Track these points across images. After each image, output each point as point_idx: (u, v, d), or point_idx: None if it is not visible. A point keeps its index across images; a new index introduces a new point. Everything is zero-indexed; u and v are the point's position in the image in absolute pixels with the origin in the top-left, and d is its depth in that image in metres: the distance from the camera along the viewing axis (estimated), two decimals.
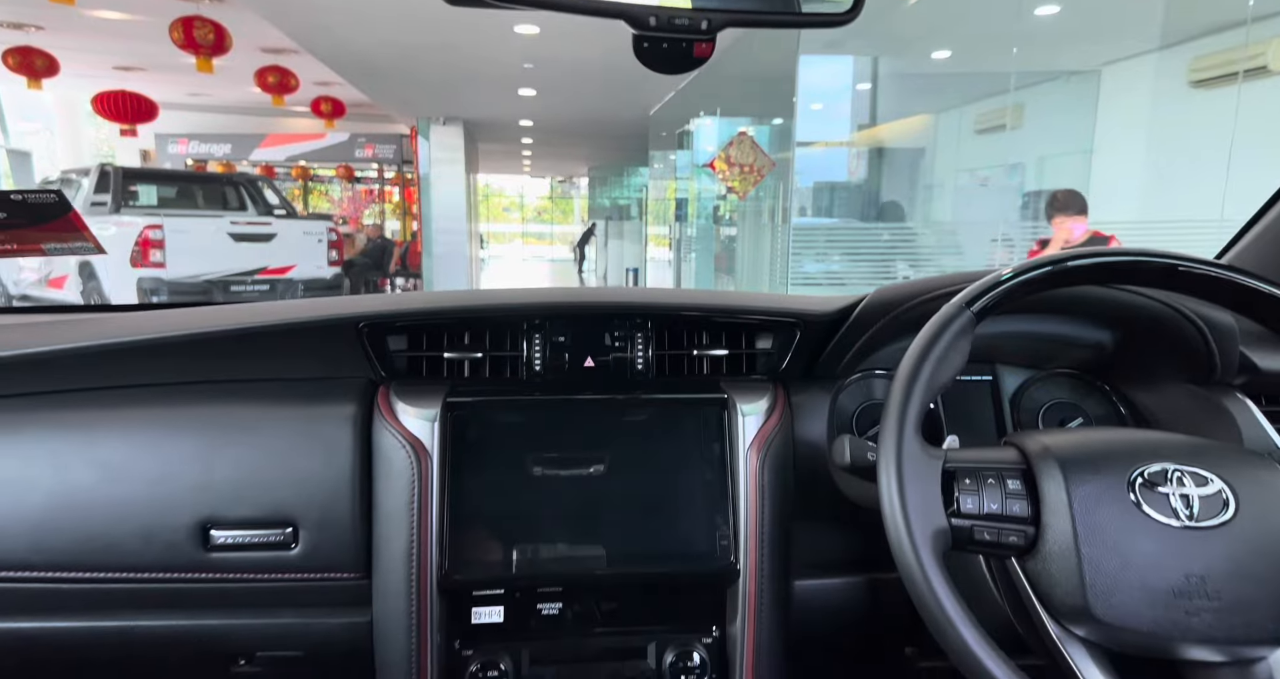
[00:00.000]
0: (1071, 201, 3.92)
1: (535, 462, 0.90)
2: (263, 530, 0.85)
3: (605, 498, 0.90)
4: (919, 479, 0.70)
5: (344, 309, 0.93)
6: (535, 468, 0.90)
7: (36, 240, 1.02)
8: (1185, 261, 0.76)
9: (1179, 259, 0.76)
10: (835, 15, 0.72)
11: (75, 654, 0.87)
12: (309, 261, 7.95)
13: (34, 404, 0.87)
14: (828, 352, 0.99)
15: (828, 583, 0.97)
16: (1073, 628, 0.68)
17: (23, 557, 0.83)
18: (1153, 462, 0.70)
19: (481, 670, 0.88)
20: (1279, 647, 0.66)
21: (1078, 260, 0.76)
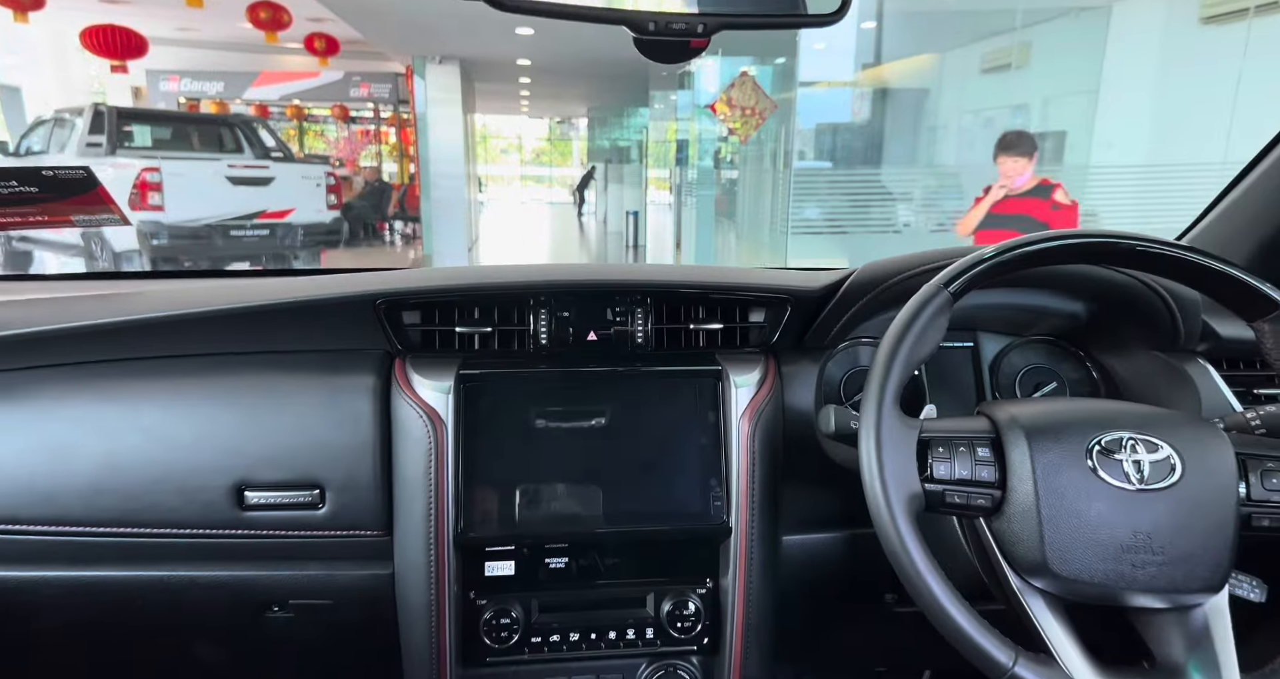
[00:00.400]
0: (1018, 143, 3.91)
1: (542, 429, 0.97)
2: (292, 492, 0.93)
3: (608, 462, 0.97)
4: (896, 448, 0.77)
5: (362, 287, 0.99)
6: (542, 435, 0.97)
7: (66, 213, 1.06)
8: (1145, 242, 0.82)
9: (1139, 240, 0.82)
10: (824, 15, 0.75)
11: (128, 600, 0.95)
12: (308, 206, 7.92)
13: (80, 373, 0.93)
14: (816, 324, 1.04)
15: (814, 538, 1.04)
16: (1032, 581, 0.76)
17: (77, 514, 0.90)
18: (1110, 430, 0.77)
19: (494, 618, 0.96)
20: (1214, 594, 0.74)
21: (1048, 243, 0.81)
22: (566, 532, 0.97)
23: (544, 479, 0.96)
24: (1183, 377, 1.03)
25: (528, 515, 0.96)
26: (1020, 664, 0.70)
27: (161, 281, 1.37)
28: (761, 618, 1.00)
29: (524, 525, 0.96)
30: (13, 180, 1.02)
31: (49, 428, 0.91)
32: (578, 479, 0.97)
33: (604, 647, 1.00)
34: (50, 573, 0.92)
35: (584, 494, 0.97)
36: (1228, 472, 0.75)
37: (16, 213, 1.04)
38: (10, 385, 0.92)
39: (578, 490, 0.97)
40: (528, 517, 0.96)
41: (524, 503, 0.96)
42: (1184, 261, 0.83)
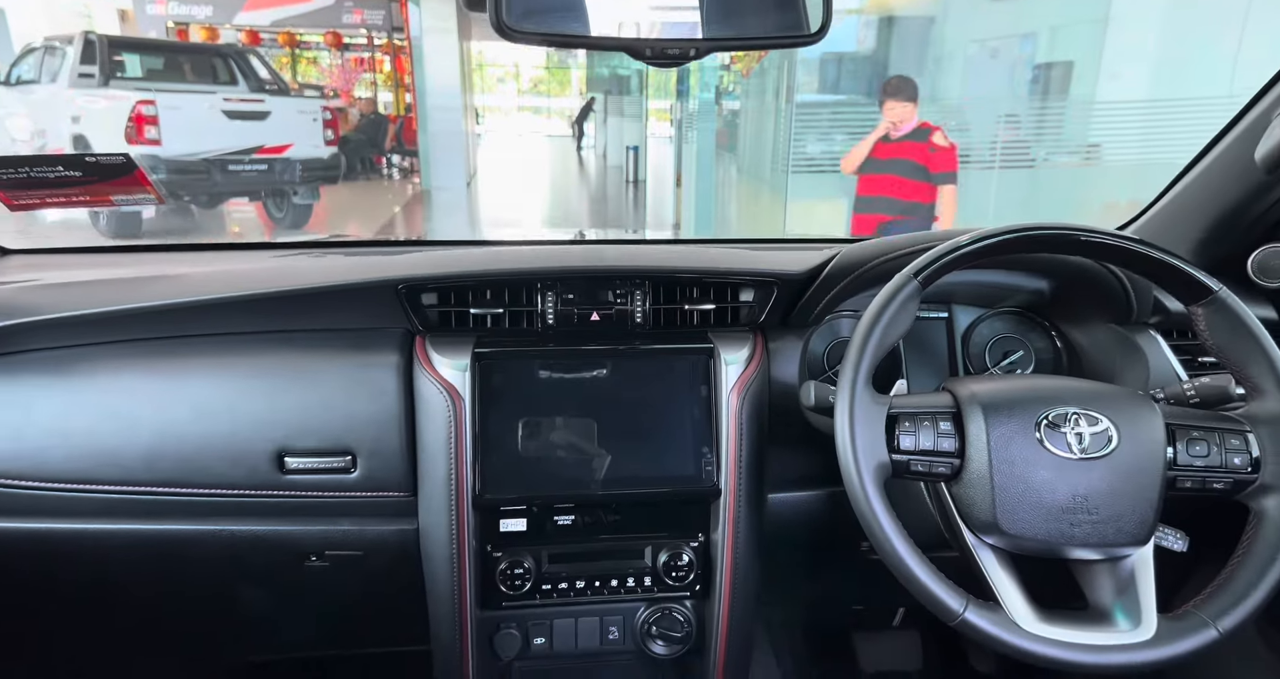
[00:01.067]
0: (903, 88, 3.91)
1: (550, 401, 1.07)
2: (327, 458, 1.03)
3: (610, 431, 1.08)
4: (867, 423, 0.87)
5: (386, 272, 1.07)
6: (550, 406, 1.07)
7: (107, 193, 1.14)
8: (1092, 233, 0.91)
9: (1087, 231, 0.91)
10: (806, 35, 0.82)
11: (186, 550, 1.07)
12: (305, 141, 7.85)
13: (135, 350, 1.03)
14: (801, 303, 1.13)
15: (796, 495, 1.16)
16: (984, 537, 0.87)
17: (138, 476, 1.01)
18: (1056, 406, 0.87)
19: (509, 568, 1.09)
20: (1141, 546, 0.86)
21: (1009, 235, 0.91)
22: (572, 493, 1.08)
23: (552, 446, 1.07)
24: (1135, 347, 1.14)
25: (537, 478, 1.06)
26: (970, 610, 0.82)
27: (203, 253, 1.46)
28: (747, 567, 1.12)
29: (534, 487, 1.07)
30: (59, 165, 1.09)
31: (110, 398, 1.01)
32: (583, 446, 1.07)
33: (607, 593, 1.12)
34: (119, 526, 1.03)
35: (588, 459, 1.07)
36: (1157, 440, 0.86)
37: (62, 194, 1.12)
38: (76, 360, 1.02)
39: (583, 456, 1.07)
40: (537, 479, 1.06)
41: (534, 467, 1.06)
42: (1128, 250, 0.92)
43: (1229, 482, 0.87)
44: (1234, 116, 1.16)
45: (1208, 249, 1.23)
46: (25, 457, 0.99)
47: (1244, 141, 1.12)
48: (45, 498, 1.00)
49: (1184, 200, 1.26)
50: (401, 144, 11.02)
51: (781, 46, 0.85)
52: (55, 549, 1.04)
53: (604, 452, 1.08)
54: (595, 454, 1.07)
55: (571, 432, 1.07)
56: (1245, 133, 1.14)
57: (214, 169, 7.58)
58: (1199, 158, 1.22)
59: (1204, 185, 1.22)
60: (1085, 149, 6.93)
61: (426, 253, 1.29)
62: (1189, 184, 1.24)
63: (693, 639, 1.15)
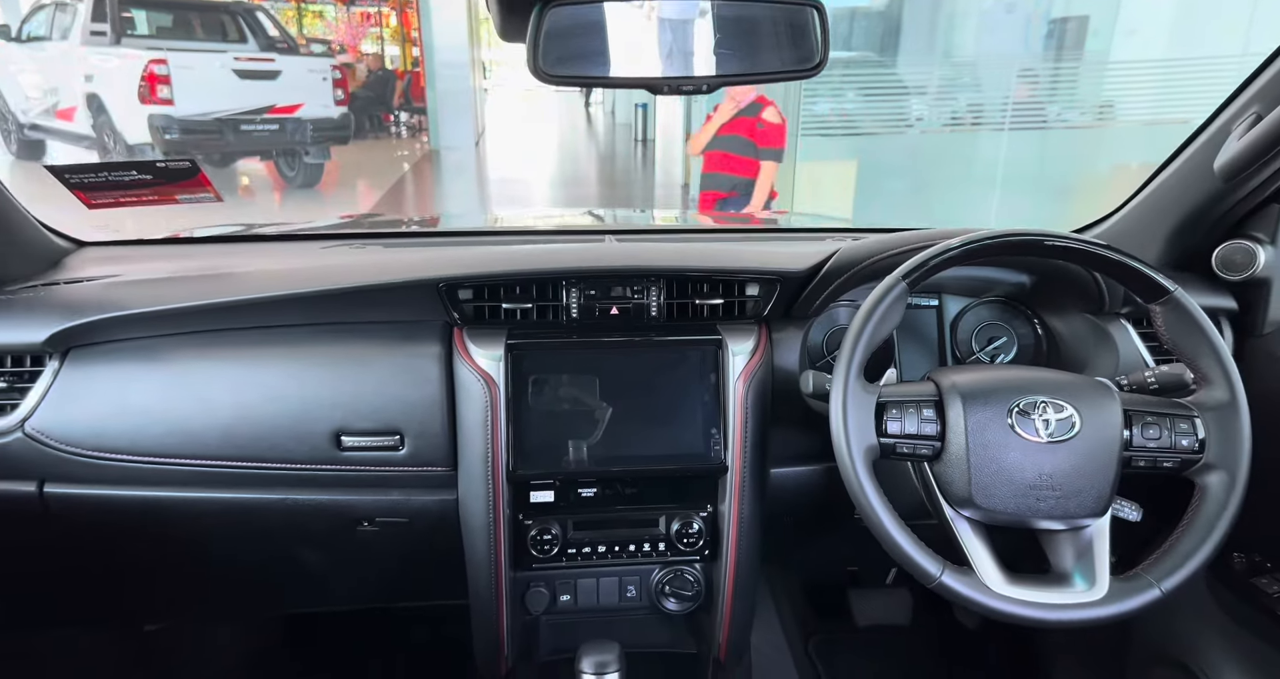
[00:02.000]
0: None
1: (574, 388, 1.19)
2: (378, 437, 1.16)
3: (628, 414, 1.20)
4: (858, 410, 1.00)
5: (428, 271, 1.19)
6: (574, 392, 1.19)
7: (173, 193, 1.27)
8: (1059, 238, 1.03)
9: (1055, 236, 1.03)
10: (805, 69, 0.91)
11: (258, 514, 1.21)
12: (315, 100, 7.88)
13: (209, 340, 1.15)
14: (802, 297, 1.25)
15: (796, 470, 1.28)
16: (961, 511, 1.00)
17: (216, 451, 1.15)
18: (1027, 395, 1.00)
19: (538, 534, 1.22)
20: (1099, 518, 0.99)
21: (986, 241, 1.02)
22: (594, 469, 1.20)
23: (576, 427, 1.19)
24: (1107, 335, 1.25)
25: (563, 456, 1.19)
26: (946, 574, 0.95)
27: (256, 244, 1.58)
28: (751, 535, 1.25)
29: (560, 464, 1.19)
30: (133, 170, 1.21)
31: (193, 383, 1.15)
32: (603, 427, 1.19)
33: (625, 556, 1.26)
34: (200, 494, 1.17)
35: (609, 439, 1.20)
36: (1115, 425, 0.98)
37: (134, 194, 1.25)
38: (162, 349, 1.15)
39: (604, 436, 1.19)
40: (563, 457, 1.19)
41: (560, 446, 1.19)
42: (1094, 254, 1.04)
43: (1177, 461, 1.00)
44: (1199, 125, 1.25)
45: (1176, 245, 1.33)
46: (124, 434, 1.13)
47: (1206, 150, 1.22)
48: (139, 469, 1.13)
49: (1155, 200, 1.36)
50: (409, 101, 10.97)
51: (782, 80, 0.95)
52: (147, 512, 1.18)
53: (622, 432, 1.20)
54: (615, 434, 1.20)
55: (593, 414, 1.19)
56: (1207, 142, 1.23)
57: (227, 129, 7.65)
58: (1168, 162, 1.32)
59: (1172, 187, 1.32)
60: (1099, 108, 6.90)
61: (462, 250, 1.41)
62: (1159, 185, 1.34)
63: (702, 597, 1.29)
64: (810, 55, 0.91)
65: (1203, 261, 1.31)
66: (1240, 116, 1.17)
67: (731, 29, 0.89)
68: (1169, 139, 1.36)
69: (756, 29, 0.90)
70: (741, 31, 0.90)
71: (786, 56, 0.92)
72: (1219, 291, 1.30)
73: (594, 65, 0.87)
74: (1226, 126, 1.19)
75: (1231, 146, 1.16)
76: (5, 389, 1.12)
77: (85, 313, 1.12)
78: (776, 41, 0.91)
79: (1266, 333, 1.27)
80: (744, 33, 0.90)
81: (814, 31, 0.90)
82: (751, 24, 0.89)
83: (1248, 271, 1.26)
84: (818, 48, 0.91)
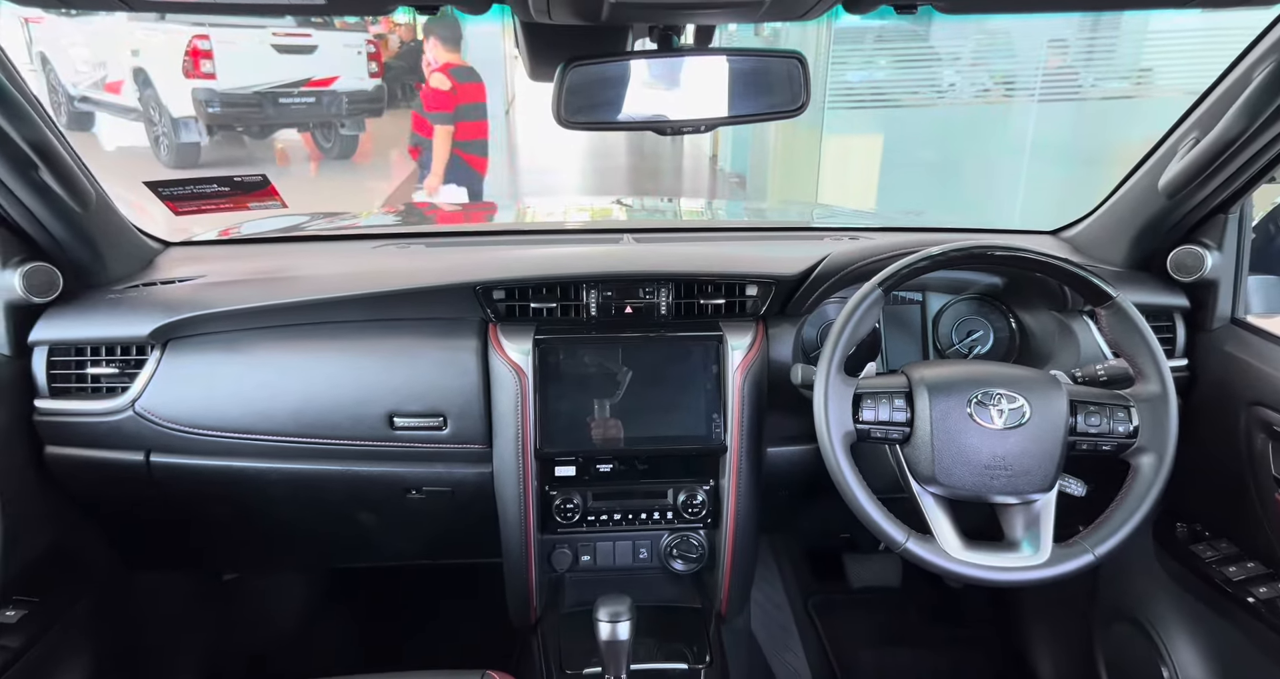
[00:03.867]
0: (432, 28, 4.61)
1: (593, 377, 1.36)
2: (425, 418, 1.35)
3: (640, 400, 1.37)
4: (837, 400, 1.16)
5: (466, 275, 1.36)
6: (593, 381, 1.36)
7: (246, 202, 1.46)
8: (1010, 250, 1.19)
9: (1013, 249, 1.19)
10: (790, 110, 1.06)
11: (322, 483, 1.40)
12: (350, 74, 8.03)
13: (277, 334, 1.34)
14: (796, 297, 1.40)
15: (790, 449, 1.44)
16: (926, 487, 1.16)
17: (287, 428, 1.34)
18: (984, 387, 1.16)
19: (562, 503, 1.41)
20: (1046, 493, 1.15)
21: (952, 254, 1.19)
22: (611, 448, 1.38)
23: (595, 412, 1.36)
24: (1070, 330, 1.40)
25: (584, 437, 1.37)
26: (911, 541, 1.12)
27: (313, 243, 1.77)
28: (748, 505, 1.42)
29: (582, 443, 1.37)
30: (213, 183, 1.40)
31: (267, 370, 1.34)
32: (619, 412, 1.37)
33: (638, 524, 1.44)
34: (272, 465, 1.37)
35: (623, 422, 1.37)
36: (1062, 414, 1.14)
37: (212, 202, 1.44)
38: (241, 341, 1.34)
39: (619, 419, 1.37)
40: (584, 438, 1.37)
41: (581, 428, 1.36)
42: (1046, 264, 1.20)
43: (1114, 444, 1.16)
44: (1156, 142, 1.38)
45: (1136, 249, 1.48)
46: (212, 413, 1.33)
47: (1158, 168, 1.35)
48: (225, 443, 1.34)
49: (1117, 209, 1.50)
50: None
51: (770, 120, 1.10)
52: (230, 479, 1.38)
53: (635, 416, 1.37)
54: (628, 418, 1.37)
55: (610, 400, 1.36)
56: (1159, 160, 1.36)
57: (266, 102, 7.83)
58: (1130, 174, 1.45)
59: (1130, 199, 1.46)
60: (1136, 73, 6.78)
61: (495, 252, 1.58)
62: (1121, 196, 1.48)
63: (705, 559, 1.47)
64: (795, 99, 1.06)
65: (1160, 264, 1.44)
66: (1184, 140, 1.29)
67: (725, 80, 1.04)
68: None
69: (746, 79, 1.04)
70: (734, 81, 1.04)
71: (773, 101, 1.06)
72: (1173, 291, 1.43)
73: (608, 113, 1.02)
74: (1173, 149, 1.32)
75: (1173, 168, 1.29)
76: (118, 374, 1.33)
77: (180, 310, 1.32)
78: (764, 88, 1.06)
79: (1215, 328, 1.41)
80: (736, 82, 1.04)
81: (798, 79, 1.05)
82: (742, 75, 1.04)
83: (1197, 274, 1.40)
84: (801, 93, 1.05)
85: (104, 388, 1.34)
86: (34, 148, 1.15)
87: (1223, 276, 1.40)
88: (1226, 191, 1.30)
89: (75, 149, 1.26)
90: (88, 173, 1.30)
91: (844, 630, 2.00)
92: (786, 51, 1.04)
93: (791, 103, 1.06)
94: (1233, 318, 1.41)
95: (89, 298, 1.37)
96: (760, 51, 1.05)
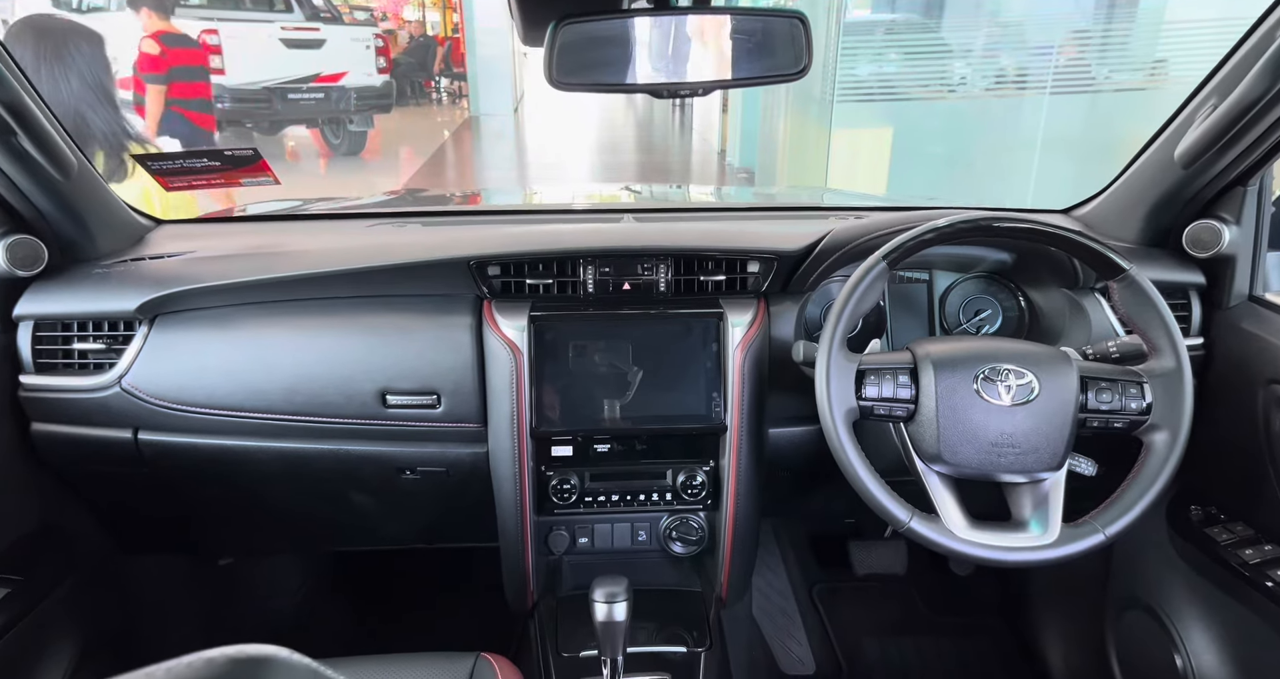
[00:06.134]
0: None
1: (590, 355, 1.33)
2: (418, 396, 1.32)
3: (638, 378, 1.33)
4: (840, 376, 1.12)
5: (461, 250, 1.33)
6: (590, 359, 1.33)
7: (238, 177, 1.44)
8: (1021, 222, 1.14)
9: (1022, 220, 1.14)
10: (793, 73, 1.03)
11: (314, 462, 1.37)
12: (358, 69, 8.04)
13: (270, 310, 1.31)
14: (798, 274, 1.37)
15: (792, 430, 1.41)
16: (931, 466, 1.12)
17: (279, 406, 1.31)
18: (991, 362, 1.11)
19: (559, 484, 1.38)
20: (1056, 471, 1.11)
21: (958, 225, 1.14)
22: (608, 427, 1.35)
23: (591, 390, 1.33)
24: (1081, 308, 1.36)
25: (581, 416, 1.34)
26: (915, 520, 1.08)
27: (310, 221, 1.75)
28: (749, 487, 1.39)
29: (578, 422, 1.34)
30: (204, 158, 1.38)
31: (259, 347, 1.31)
32: (616, 391, 1.33)
33: (636, 505, 1.41)
34: (265, 443, 1.35)
35: (620, 401, 1.34)
36: (1071, 389, 1.10)
37: (204, 178, 1.42)
38: (232, 317, 1.32)
39: (616, 398, 1.33)
40: (581, 416, 1.34)
41: (577, 407, 1.33)
42: (1058, 236, 1.15)
43: (1127, 422, 1.11)
44: (1173, 112, 1.33)
45: (1150, 224, 1.42)
46: (201, 389, 1.30)
47: (1174, 139, 1.30)
48: (215, 421, 1.31)
49: (1132, 183, 1.45)
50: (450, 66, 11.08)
51: (771, 83, 1.06)
52: (221, 458, 1.36)
53: (633, 395, 1.34)
54: (626, 397, 1.34)
55: (607, 379, 1.33)
56: (1175, 131, 1.31)
57: (274, 97, 7.84)
58: (1145, 148, 1.40)
59: (1145, 172, 1.41)
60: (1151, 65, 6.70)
61: (491, 229, 1.55)
62: (1136, 169, 1.43)
63: (705, 542, 1.44)
64: (796, 61, 1.02)
65: (1175, 240, 1.40)
66: (1201, 108, 1.25)
67: (724, 40, 1.00)
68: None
69: (746, 40, 1.01)
70: (733, 42, 1.01)
71: (774, 63, 1.03)
72: (1189, 267, 1.39)
73: (602, 75, 0.99)
74: (1191, 117, 1.27)
75: (1190, 135, 1.25)
76: (105, 349, 1.30)
77: (169, 285, 1.29)
78: (765, 50, 1.02)
79: (1232, 306, 1.36)
80: (735, 43, 1.01)
81: (800, 41, 1.01)
82: (742, 36, 1.01)
83: (1213, 249, 1.35)
84: (803, 55, 1.02)
85: (91, 364, 1.31)
86: (10, 112, 1.13)
87: (1240, 252, 1.35)
88: (1246, 161, 1.25)
89: (56, 116, 1.24)
90: (69, 141, 1.27)
91: (848, 618, 1.96)
92: (788, 11, 1.00)
93: (794, 65, 1.03)
94: (1251, 295, 1.36)
95: (75, 272, 1.35)
96: (761, 11, 1.02)
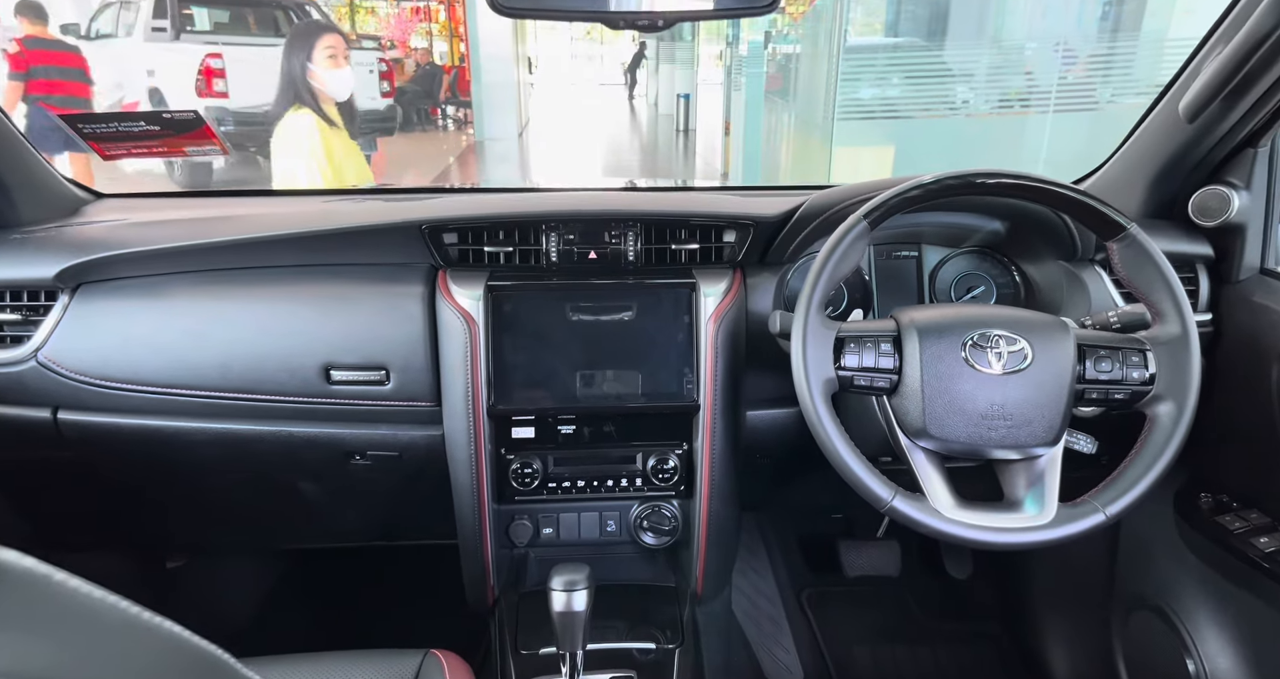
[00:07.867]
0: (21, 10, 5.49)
1: (552, 328, 1.24)
2: (365, 372, 1.23)
3: (604, 353, 1.24)
4: (817, 344, 1.02)
5: (412, 214, 1.25)
6: (552, 333, 1.24)
7: (181, 145, 1.35)
8: (1015, 177, 1.03)
9: (1011, 174, 1.03)
10: (761, 6, 0.94)
11: (254, 445, 1.28)
12: (362, 93, 8.05)
13: (203, 279, 1.23)
14: (776, 243, 1.27)
15: (773, 413, 1.31)
16: (916, 441, 1.02)
17: (212, 383, 1.22)
18: (981, 328, 1.01)
19: (520, 468, 1.28)
20: (1051, 447, 1.00)
21: (945, 180, 1.04)
22: (573, 406, 1.25)
23: (555, 366, 1.24)
24: (1080, 281, 1.26)
25: (543, 393, 1.24)
26: (897, 499, 0.97)
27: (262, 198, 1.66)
28: (724, 471, 1.29)
29: (539, 401, 1.25)
30: (141, 121, 1.30)
31: (190, 319, 1.23)
32: (581, 366, 1.24)
33: (604, 491, 1.31)
34: (199, 424, 1.26)
35: (586, 378, 1.25)
36: (1068, 357, 0.99)
37: (144, 145, 1.34)
38: (162, 286, 1.23)
39: (581, 375, 1.24)
40: (543, 394, 1.24)
41: (539, 384, 1.24)
42: (1052, 192, 1.04)
43: (1128, 392, 1.00)
44: (1176, 72, 1.24)
45: (1155, 193, 1.32)
46: (127, 365, 1.21)
47: (1180, 92, 1.21)
48: (142, 399, 1.22)
49: (1136, 149, 1.35)
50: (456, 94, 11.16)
51: (736, 17, 0.98)
52: (151, 441, 1.27)
53: (599, 371, 1.25)
54: (592, 373, 1.24)
55: (571, 353, 1.24)
56: (1180, 87, 1.22)
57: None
58: (1151, 107, 1.31)
59: (1149, 135, 1.32)
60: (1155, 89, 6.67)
61: (450, 198, 1.46)
62: (1140, 134, 1.34)
63: (679, 532, 1.33)
64: None
65: (1181, 209, 1.30)
66: (1208, 57, 1.16)
67: None
68: None
69: None
70: None
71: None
72: (1195, 238, 1.29)
73: None
74: (1197, 70, 1.18)
75: (1194, 87, 1.15)
76: (20, 321, 1.22)
77: (92, 250, 1.21)
78: None
79: (1242, 279, 1.25)
80: None
81: None
82: None
83: (1222, 217, 1.25)
84: None
85: (6, 337, 1.23)
86: None
87: (1251, 220, 1.25)
88: (1256, 117, 1.16)
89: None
90: None
91: (839, 624, 1.83)
92: None
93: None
94: (1262, 268, 1.26)
95: None
96: None
